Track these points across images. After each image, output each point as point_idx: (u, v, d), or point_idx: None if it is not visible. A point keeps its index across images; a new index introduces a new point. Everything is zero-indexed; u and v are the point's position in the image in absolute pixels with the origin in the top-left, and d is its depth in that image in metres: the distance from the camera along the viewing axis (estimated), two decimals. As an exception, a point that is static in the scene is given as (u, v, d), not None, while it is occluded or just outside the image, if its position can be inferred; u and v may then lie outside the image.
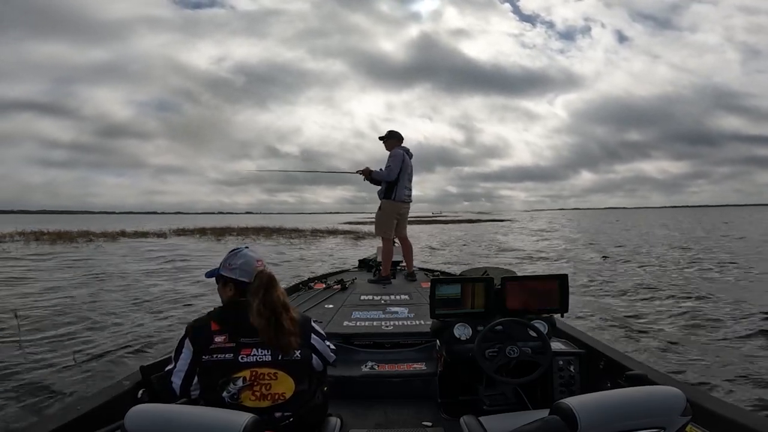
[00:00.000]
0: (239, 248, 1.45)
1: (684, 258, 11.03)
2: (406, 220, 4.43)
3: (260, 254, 1.43)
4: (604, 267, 9.88)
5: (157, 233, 24.45)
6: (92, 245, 17.36)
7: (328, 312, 2.96)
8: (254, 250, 1.44)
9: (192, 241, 19.99)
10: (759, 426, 1.23)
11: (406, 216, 4.39)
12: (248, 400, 1.22)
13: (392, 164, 4.11)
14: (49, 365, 3.58)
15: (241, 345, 1.25)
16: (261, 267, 1.38)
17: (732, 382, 3.16)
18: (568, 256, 12.31)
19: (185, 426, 0.93)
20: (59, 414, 1.45)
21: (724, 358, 3.65)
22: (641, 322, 4.97)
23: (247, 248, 1.44)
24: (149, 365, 1.62)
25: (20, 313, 4.85)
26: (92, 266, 10.48)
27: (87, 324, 4.89)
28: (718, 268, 9.11)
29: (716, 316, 5.01)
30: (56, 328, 4.66)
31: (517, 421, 1.10)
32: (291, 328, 1.28)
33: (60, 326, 4.76)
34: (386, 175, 4.13)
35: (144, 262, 11.73)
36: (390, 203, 4.19)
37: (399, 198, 4.18)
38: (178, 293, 6.92)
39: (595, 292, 6.85)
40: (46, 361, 3.66)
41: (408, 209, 4.38)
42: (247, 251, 1.42)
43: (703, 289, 6.69)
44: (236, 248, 1.46)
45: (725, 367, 3.43)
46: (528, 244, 17.70)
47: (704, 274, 8.35)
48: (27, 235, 20.07)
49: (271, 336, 1.25)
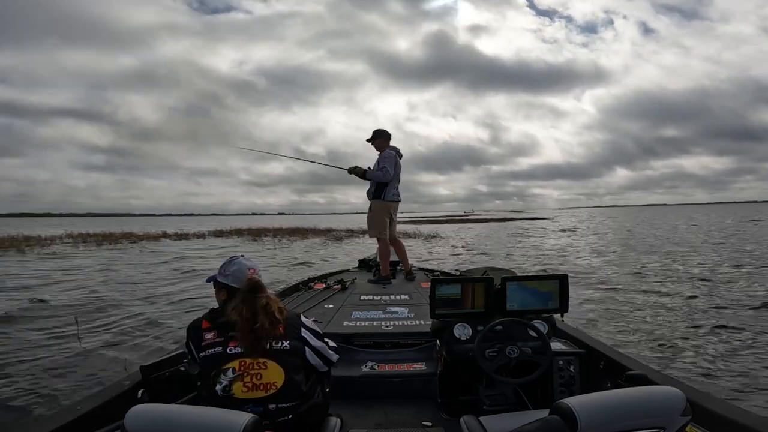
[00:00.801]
0: (235, 256, 1.52)
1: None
2: (396, 221, 4.40)
3: (254, 263, 1.50)
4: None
5: (197, 235, 25.14)
6: (139, 245, 18.29)
7: (328, 312, 2.96)
8: (249, 259, 1.52)
9: (235, 243, 20.49)
10: (759, 426, 1.22)
11: (395, 216, 4.37)
12: (240, 391, 1.25)
13: (387, 165, 4.07)
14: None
15: (229, 338, 1.31)
16: (252, 275, 1.44)
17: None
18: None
19: (185, 426, 0.93)
20: (59, 414, 1.45)
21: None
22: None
23: (242, 257, 1.52)
24: (149, 365, 1.62)
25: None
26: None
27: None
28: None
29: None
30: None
31: (517, 421, 1.10)
32: (268, 328, 1.32)
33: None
34: (382, 177, 4.09)
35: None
36: (381, 203, 4.17)
37: (389, 198, 4.16)
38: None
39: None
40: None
41: (397, 209, 4.35)
42: (242, 260, 1.50)
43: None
44: (233, 256, 1.53)
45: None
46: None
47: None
48: (75, 237, 21.24)
49: (244, 333, 1.30)
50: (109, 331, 4.83)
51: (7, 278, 8.70)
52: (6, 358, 3.83)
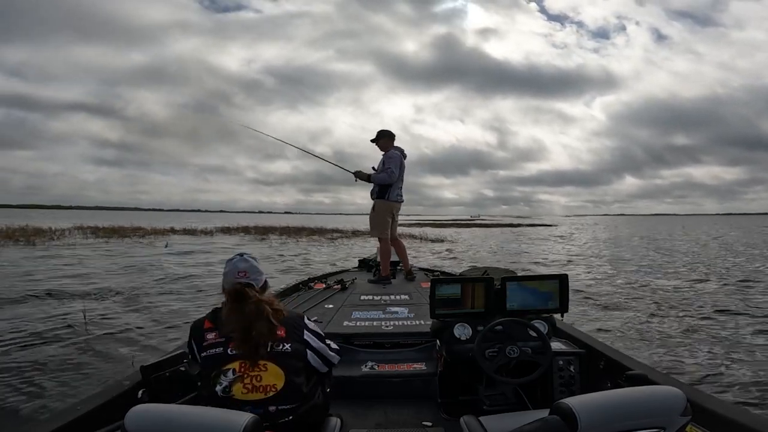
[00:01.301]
0: (233, 257, 1.47)
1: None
2: (397, 221, 4.41)
3: (249, 265, 1.44)
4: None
5: (204, 231, 25.03)
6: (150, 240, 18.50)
7: (328, 312, 2.96)
8: (246, 260, 1.45)
9: (241, 241, 20.45)
10: (759, 426, 1.22)
11: (397, 217, 4.38)
12: (240, 392, 1.25)
13: (392, 166, 4.07)
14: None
15: (230, 339, 1.30)
16: (241, 278, 1.39)
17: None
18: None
19: (185, 426, 0.93)
20: (59, 414, 1.45)
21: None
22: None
23: (242, 256, 1.47)
24: (149, 365, 1.62)
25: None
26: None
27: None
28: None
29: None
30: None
31: (517, 421, 1.10)
32: (266, 333, 1.30)
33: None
34: (387, 179, 4.08)
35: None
36: (384, 203, 4.17)
37: (392, 198, 4.16)
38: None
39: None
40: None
41: (399, 209, 4.36)
42: (236, 261, 1.45)
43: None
44: (232, 256, 1.48)
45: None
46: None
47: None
48: (84, 229, 21.41)
49: (239, 342, 1.28)
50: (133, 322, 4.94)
51: (27, 271, 8.77)
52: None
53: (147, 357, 3.62)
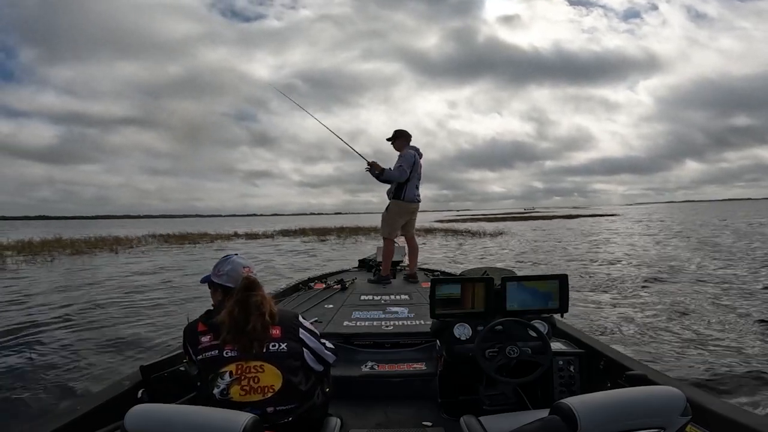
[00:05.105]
0: (229, 255, 1.49)
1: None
2: (415, 221, 4.43)
3: (248, 262, 1.48)
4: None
5: (265, 234, 25.54)
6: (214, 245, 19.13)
7: (328, 312, 2.96)
8: (243, 257, 1.48)
9: (304, 241, 20.97)
10: (759, 426, 1.22)
11: (415, 216, 4.39)
12: (237, 395, 1.24)
13: (404, 164, 4.06)
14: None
15: (225, 341, 1.29)
16: (247, 273, 1.41)
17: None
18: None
19: (185, 426, 0.93)
20: (59, 414, 1.45)
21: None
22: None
23: (236, 255, 1.50)
24: (149, 365, 1.62)
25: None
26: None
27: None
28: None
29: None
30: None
31: (517, 421, 1.10)
32: (260, 329, 1.29)
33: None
34: (398, 176, 4.08)
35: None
36: (399, 204, 4.17)
37: (408, 198, 4.16)
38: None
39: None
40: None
41: (417, 209, 4.36)
42: (236, 258, 1.47)
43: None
44: (227, 255, 1.50)
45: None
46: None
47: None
48: (157, 237, 22.36)
49: (234, 335, 1.27)
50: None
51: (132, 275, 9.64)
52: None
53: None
